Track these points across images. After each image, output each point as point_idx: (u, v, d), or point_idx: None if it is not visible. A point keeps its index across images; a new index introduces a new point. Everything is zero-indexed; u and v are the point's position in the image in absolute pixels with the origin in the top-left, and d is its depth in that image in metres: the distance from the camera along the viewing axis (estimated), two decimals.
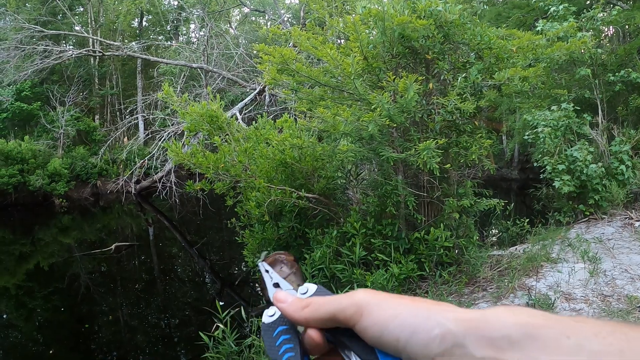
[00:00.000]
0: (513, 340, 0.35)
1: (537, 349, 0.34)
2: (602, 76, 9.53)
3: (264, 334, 0.47)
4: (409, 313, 0.40)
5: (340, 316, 0.42)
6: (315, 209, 5.17)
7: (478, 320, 0.37)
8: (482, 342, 0.36)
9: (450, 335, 0.37)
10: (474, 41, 5.40)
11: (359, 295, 0.42)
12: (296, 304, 0.46)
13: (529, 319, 0.36)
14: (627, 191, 7.87)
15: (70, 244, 11.70)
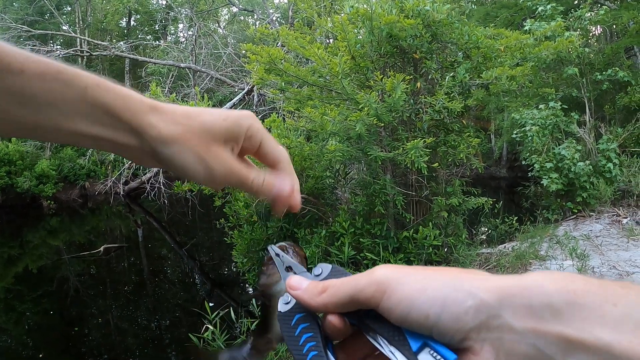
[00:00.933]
0: (555, 308, 0.32)
1: (581, 318, 0.31)
2: (590, 75, 9.64)
3: (281, 324, 0.44)
4: (437, 285, 0.36)
5: (361, 298, 0.38)
6: (303, 208, 5.15)
7: (515, 287, 0.34)
8: (521, 312, 0.33)
9: (484, 307, 0.34)
10: (461, 40, 5.42)
11: (379, 272, 0.38)
12: (311, 289, 0.42)
13: (571, 285, 0.33)
14: (615, 188, 7.96)
15: (59, 246, 11.59)
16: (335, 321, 0.41)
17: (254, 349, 0.55)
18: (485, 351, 0.34)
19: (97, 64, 21.31)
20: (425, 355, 0.36)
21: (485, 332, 0.34)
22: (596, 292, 0.32)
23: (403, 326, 0.37)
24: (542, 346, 0.32)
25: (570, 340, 0.31)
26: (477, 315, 0.34)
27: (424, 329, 0.36)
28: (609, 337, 0.30)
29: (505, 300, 0.34)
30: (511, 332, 0.33)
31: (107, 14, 21.35)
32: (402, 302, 0.36)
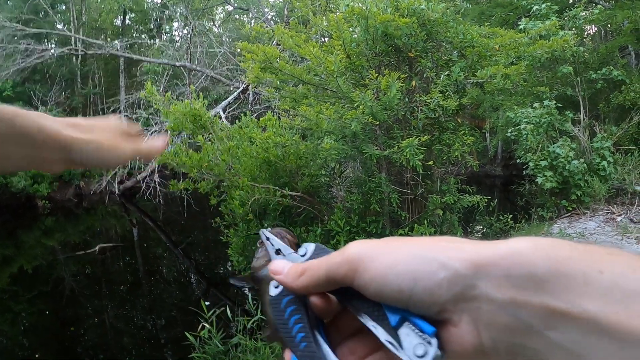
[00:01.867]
0: (536, 278, 0.30)
1: (565, 287, 0.29)
2: (584, 74, 9.67)
3: (272, 308, 0.44)
4: (408, 258, 0.35)
5: (336, 277, 0.38)
6: (299, 207, 5.16)
7: (492, 257, 0.32)
8: (499, 282, 0.31)
9: (458, 278, 0.32)
10: (456, 39, 5.44)
11: (351, 250, 0.37)
12: (292, 273, 0.41)
13: (554, 252, 0.31)
14: (609, 186, 7.99)
15: (54, 246, 11.53)
16: (318, 302, 0.41)
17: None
18: (464, 322, 0.33)
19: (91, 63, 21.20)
20: (405, 329, 0.35)
21: (462, 303, 0.33)
22: (581, 259, 0.30)
23: (380, 302, 0.36)
24: (523, 317, 0.30)
25: (553, 311, 0.30)
26: (452, 287, 0.32)
27: (400, 304, 0.35)
28: (595, 308, 0.28)
29: (481, 270, 0.32)
30: (489, 303, 0.32)
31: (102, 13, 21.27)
32: (375, 279, 0.35)
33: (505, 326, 0.31)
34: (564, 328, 0.29)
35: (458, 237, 0.37)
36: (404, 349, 0.35)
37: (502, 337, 0.32)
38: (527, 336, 0.31)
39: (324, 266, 0.39)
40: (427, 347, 0.34)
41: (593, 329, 0.28)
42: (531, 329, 0.30)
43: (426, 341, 0.34)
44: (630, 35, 10.38)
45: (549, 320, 0.30)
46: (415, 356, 0.34)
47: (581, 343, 0.29)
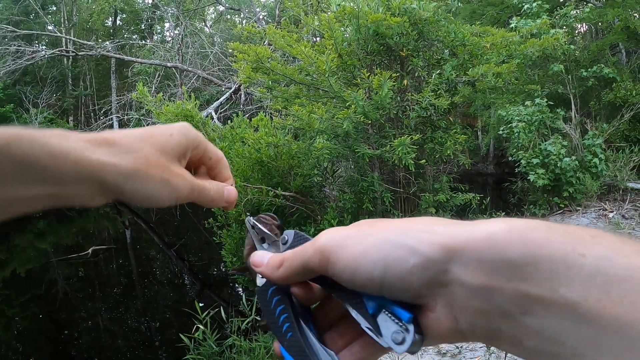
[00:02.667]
0: (511, 263, 0.29)
1: (542, 272, 0.28)
2: (575, 72, 9.71)
3: (259, 298, 0.44)
4: (378, 245, 0.34)
5: (311, 267, 0.37)
6: (292, 207, 5.16)
7: (464, 240, 0.31)
8: (471, 267, 0.30)
9: (430, 263, 0.31)
10: (448, 38, 5.46)
11: (322, 239, 0.37)
12: (271, 264, 0.41)
13: (531, 234, 0.29)
14: (601, 183, 8.05)
15: (46, 249, 11.45)
16: (298, 291, 0.41)
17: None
18: (439, 306, 0.33)
19: (82, 64, 21.09)
20: (383, 316, 0.35)
21: (436, 288, 0.32)
22: (561, 241, 0.29)
23: (355, 289, 0.36)
24: (496, 302, 0.29)
25: (529, 297, 0.28)
26: (423, 273, 0.32)
27: (374, 291, 0.34)
28: (574, 294, 0.27)
29: (453, 254, 0.31)
30: (463, 288, 0.31)
31: (93, 14, 21.14)
32: (347, 268, 0.35)
33: (480, 310, 0.31)
34: (540, 313, 0.28)
35: (435, 218, 0.35)
36: (383, 336, 0.35)
37: (478, 321, 0.31)
38: (502, 320, 0.30)
39: (299, 257, 0.39)
40: (405, 334, 0.34)
41: (571, 315, 0.27)
42: (506, 313, 0.29)
43: (403, 328, 0.34)
44: (620, 33, 10.44)
45: (524, 306, 0.29)
46: (394, 343, 0.34)
47: (557, 328, 0.28)
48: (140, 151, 0.41)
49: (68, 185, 0.37)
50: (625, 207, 7.50)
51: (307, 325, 0.41)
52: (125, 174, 0.40)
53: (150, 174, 0.41)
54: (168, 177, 0.43)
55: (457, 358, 3.65)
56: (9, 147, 0.34)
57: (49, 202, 0.38)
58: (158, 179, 0.42)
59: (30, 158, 0.35)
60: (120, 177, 0.39)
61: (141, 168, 0.41)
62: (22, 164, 0.35)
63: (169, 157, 0.44)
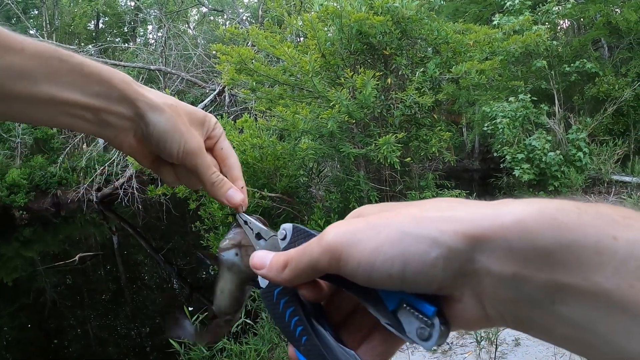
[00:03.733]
0: (542, 250, 0.27)
1: (574, 259, 0.26)
2: (558, 67, 9.83)
3: (265, 302, 0.41)
4: (393, 238, 0.31)
5: (320, 267, 0.35)
6: (278, 208, 5.14)
7: (490, 228, 0.28)
8: (500, 256, 0.28)
9: (454, 255, 0.29)
10: (431, 36, 5.48)
11: (329, 238, 0.34)
12: (274, 267, 0.38)
13: (561, 217, 0.27)
14: (585, 176, 8.16)
15: (33, 257, 11.30)
16: (307, 293, 0.39)
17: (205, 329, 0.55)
18: (466, 297, 0.31)
19: None
20: (404, 311, 0.33)
21: (461, 278, 0.30)
22: (593, 224, 0.27)
23: (371, 287, 0.34)
24: (527, 291, 0.28)
25: (560, 286, 0.27)
26: (448, 265, 0.29)
27: (393, 287, 0.32)
28: (607, 281, 0.26)
29: (479, 243, 0.29)
30: (490, 278, 0.29)
31: (75, 17, 20.88)
32: (360, 266, 0.32)
33: (509, 299, 0.29)
34: (572, 302, 0.27)
35: (447, 199, 0.33)
36: (406, 332, 0.33)
37: (507, 309, 0.30)
38: (532, 309, 0.28)
39: (305, 258, 0.36)
40: (430, 330, 0.32)
41: (603, 303, 0.26)
42: (536, 302, 0.28)
43: (428, 323, 0.32)
44: (602, 28, 10.58)
45: (556, 294, 0.27)
46: (420, 340, 0.32)
47: (589, 317, 0.27)
48: (170, 100, 0.52)
49: (113, 102, 0.48)
50: (611, 199, 7.60)
51: (322, 325, 0.39)
52: (153, 105, 0.49)
53: (171, 116, 0.50)
54: (184, 129, 0.51)
55: (448, 354, 3.66)
56: (81, 65, 0.46)
57: (93, 120, 0.48)
58: (175, 123, 0.50)
59: (95, 75, 0.46)
60: (148, 107, 0.49)
61: (166, 109, 0.50)
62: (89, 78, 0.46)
63: (191, 120, 0.53)
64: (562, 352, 3.40)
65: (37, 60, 0.43)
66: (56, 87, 0.45)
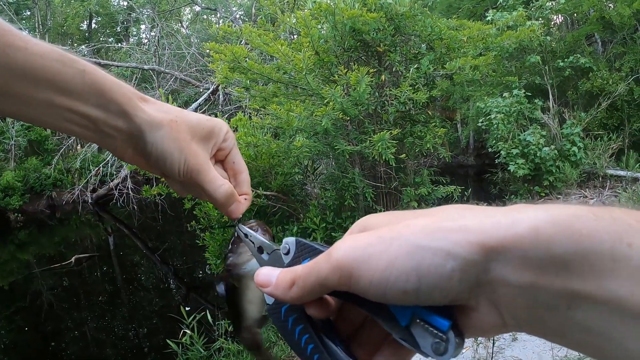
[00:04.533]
0: (559, 258, 0.27)
1: (589, 266, 0.26)
2: (552, 62, 9.86)
3: (273, 319, 0.40)
4: (406, 252, 0.30)
5: (329, 285, 0.34)
6: (274, 206, 5.13)
7: (505, 237, 0.28)
8: (515, 264, 0.28)
9: (469, 266, 0.29)
10: (424, 32, 5.48)
11: (338, 254, 0.33)
12: (281, 284, 0.37)
13: (576, 224, 0.27)
14: (580, 171, 8.19)
15: (29, 260, 11.26)
16: (315, 312, 0.38)
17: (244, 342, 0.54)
18: (482, 306, 0.30)
19: None
20: (417, 326, 0.32)
21: (477, 288, 0.30)
22: (607, 231, 0.27)
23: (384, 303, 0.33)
24: (544, 298, 0.28)
25: (576, 293, 0.27)
26: (464, 277, 0.29)
27: (407, 303, 0.31)
28: (622, 289, 0.26)
29: (495, 253, 0.28)
30: (507, 287, 0.29)
31: (68, 18, 20.75)
32: (373, 284, 0.31)
33: (525, 306, 0.29)
34: (587, 308, 0.27)
35: (459, 206, 0.33)
36: (421, 347, 0.32)
37: (523, 316, 0.30)
38: (547, 314, 0.28)
39: (313, 276, 0.35)
40: (446, 345, 0.31)
41: (618, 309, 0.26)
42: (552, 308, 0.28)
43: (443, 338, 0.31)
44: (596, 23, 10.62)
45: (571, 302, 0.27)
46: (435, 355, 0.31)
47: (604, 324, 0.27)
48: (171, 115, 0.49)
49: (111, 115, 0.46)
50: (606, 193, 7.63)
51: (332, 341, 0.38)
52: (151, 123, 0.47)
53: (171, 134, 0.48)
54: (184, 145, 0.49)
55: None
56: (83, 72, 0.44)
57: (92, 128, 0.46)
58: (176, 141, 0.48)
59: (96, 85, 0.45)
60: (147, 124, 0.47)
61: (166, 126, 0.48)
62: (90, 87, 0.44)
63: (193, 134, 0.50)
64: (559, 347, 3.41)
65: (39, 62, 0.42)
66: (55, 92, 0.43)
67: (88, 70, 0.45)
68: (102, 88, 0.45)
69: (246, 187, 0.56)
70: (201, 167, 0.50)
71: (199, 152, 0.51)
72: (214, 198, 0.52)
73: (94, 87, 0.45)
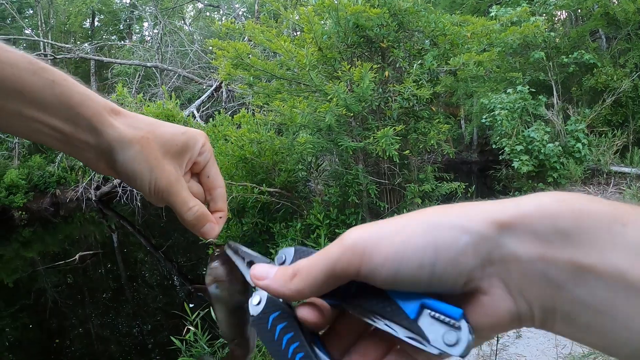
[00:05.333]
0: (562, 231, 0.29)
1: (590, 240, 0.28)
2: (556, 58, 9.81)
3: (257, 330, 0.37)
4: (423, 229, 0.31)
5: (337, 269, 0.33)
6: (278, 203, 5.13)
7: (515, 215, 0.30)
8: (524, 239, 0.29)
9: (483, 240, 0.30)
10: (428, 28, 5.45)
11: (351, 236, 0.33)
12: (280, 276, 0.36)
13: (576, 204, 0.29)
14: (584, 168, 8.15)
15: (33, 257, 11.31)
16: (309, 314, 0.36)
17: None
18: (495, 287, 0.31)
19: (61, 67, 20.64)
20: (426, 318, 0.31)
21: (489, 267, 0.30)
22: (604, 211, 0.29)
23: (393, 289, 0.32)
24: (552, 274, 0.29)
25: (581, 266, 0.28)
26: (478, 252, 0.30)
27: (420, 284, 0.31)
28: (621, 262, 0.27)
29: (506, 228, 0.30)
30: (517, 262, 0.30)
31: (70, 16, 20.76)
32: (388, 259, 0.31)
33: (536, 286, 0.30)
34: (592, 285, 0.28)
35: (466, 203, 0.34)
36: (430, 341, 0.30)
37: (535, 299, 0.30)
38: (557, 295, 0.29)
39: (321, 261, 0.34)
40: (458, 333, 0.30)
41: (620, 284, 0.27)
42: (561, 287, 0.29)
43: (455, 325, 0.30)
44: (600, 19, 10.54)
45: (577, 276, 0.28)
46: (446, 345, 0.30)
47: (609, 300, 0.28)
48: (142, 131, 0.47)
49: (80, 129, 0.44)
50: (610, 190, 7.60)
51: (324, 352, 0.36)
52: (121, 141, 0.45)
53: (141, 154, 0.46)
54: (154, 164, 0.47)
55: None
56: (52, 83, 0.43)
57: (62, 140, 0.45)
58: (145, 161, 0.46)
59: (64, 98, 0.43)
60: (116, 142, 0.45)
61: (136, 144, 0.46)
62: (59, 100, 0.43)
63: (166, 150, 0.48)
64: (562, 344, 3.40)
65: (8, 71, 0.41)
66: (24, 104, 0.42)
67: (58, 82, 0.43)
68: (70, 101, 0.44)
69: (221, 203, 0.54)
70: (171, 188, 0.49)
71: (171, 171, 0.49)
72: (183, 220, 0.51)
73: (63, 99, 0.44)
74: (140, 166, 0.47)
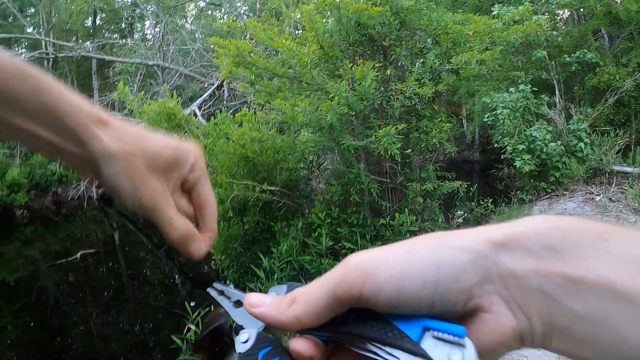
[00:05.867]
0: (551, 247, 0.31)
1: (577, 254, 0.30)
2: (558, 57, 9.77)
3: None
4: (425, 250, 0.33)
5: (340, 293, 0.32)
6: (279, 201, 5.13)
7: (508, 235, 0.32)
8: (518, 255, 0.32)
9: (481, 258, 0.32)
10: (430, 27, 5.44)
11: (354, 260, 0.33)
12: (277, 303, 0.35)
13: (561, 222, 0.32)
14: (587, 167, 8.12)
15: (35, 256, 11.32)
16: (304, 348, 0.34)
17: None
18: (495, 304, 0.32)
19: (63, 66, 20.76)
20: (429, 340, 0.31)
21: (488, 284, 0.32)
22: (587, 229, 0.31)
23: (394, 311, 0.32)
24: (547, 288, 0.31)
25: (572, 279, 0.30)
26: (477, 268, 0.32)
27: (423, 303, 0.31)
28: (609, 273, 0.29)
29: (500, 246, 0.32)
30: (514, 278, 0.31)
31: (72, 14, 20.77)
32: (392, 279, 0.31)
33: (534, 300, 0.31)
34: (583, 296, 0.30)
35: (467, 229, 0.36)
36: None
37: (534, 313, 0.31)
38: (553, 309, 0.31)
39: (322, 285, 0.33)
40: (463, 350, 0.30)
41: (609, 294, 0.29)
42: (556, 300, 0.30)
43: (460, 343, 0.30)
44: (602, 18, 10.50)
45: (571, 289, 0.30)
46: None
47: (601, 310, 0.29)
48: (128, 145, 0.45)
49: (66, 140, 0.43)
50: (612, 190, 7.56)
51: None
52: (106, 154, 0.44)
53: (125, 170, 0.44)
54: (139, 181, 0.45)
55: None
56: (37, 91, 0.41)
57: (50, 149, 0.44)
58: (129, 177, 0.44)
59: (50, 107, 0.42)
60: (101, 155, 0.43)
61: (121, 160, 0.44)
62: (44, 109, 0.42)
63: (154, 167, 0.46)
64: None
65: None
66: (11, 112, 0.41)
67: (45, 91, 0.42)
68: (56, 111, 0.42)
69: (210, 223, 0.52)
70: (156, 206, 0.46)
71: (156, 188, 0.46)
72: (169, 239, 0.49)
73: (49, 109, 0.42)
74: (124, 182, 0.44)
